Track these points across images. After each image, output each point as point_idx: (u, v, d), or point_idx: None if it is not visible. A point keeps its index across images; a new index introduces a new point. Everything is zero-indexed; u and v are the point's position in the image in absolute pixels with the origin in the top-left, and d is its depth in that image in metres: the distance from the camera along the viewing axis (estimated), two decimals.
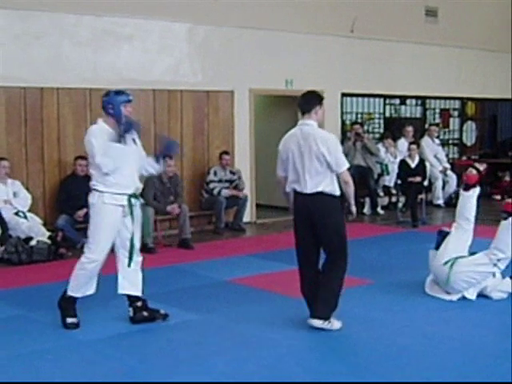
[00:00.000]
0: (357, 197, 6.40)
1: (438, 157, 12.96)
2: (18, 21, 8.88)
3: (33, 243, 7.98)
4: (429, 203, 11.94)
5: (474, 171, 6.58)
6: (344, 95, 12.19)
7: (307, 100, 5.48)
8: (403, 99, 13.17)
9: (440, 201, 12.60)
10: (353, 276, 6.00)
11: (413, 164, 10.98)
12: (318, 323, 5.29)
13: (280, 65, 11.15)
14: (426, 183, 11.32)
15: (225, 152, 10.37)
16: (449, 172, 12.93)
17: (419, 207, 10.81)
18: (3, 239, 8.00)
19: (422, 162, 11.13)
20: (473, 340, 5.20)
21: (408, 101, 13.27)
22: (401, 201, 11.28)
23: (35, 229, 8.31)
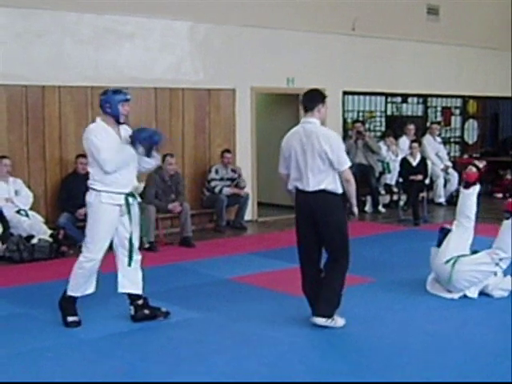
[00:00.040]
0: (358, 195, 6.38)
1: (440, 155, 12.94)
2: (20, 19, 8.88)
3: (34, 241, 7.99)
4: (430, 201, 11.94)
5: (474, 169, 6.56)
6: (345, 93, 12.18)
7: (310, 98, 5.47)
8: (405, 97, 13.16)
9: (441, 199, 12.59)
10: (354, 274, 6.00)
11: (414, 162, 10.97)
12: (322, 321, 5.29)
13: (281, 63, 11.14)
14: (428, 181, 11.29)
15: (226, 150, 10.36)
16: (450, 170, 12.91)
17: (421, 205, 10.79)
18: (5, 237, 8.00)
19: (424, 161, 11.12)
20: (474, 338, 5.20)
21: (410, 99, 13.25)
22: (402, 199, 11.27)
23: (37, 227, 8.32)
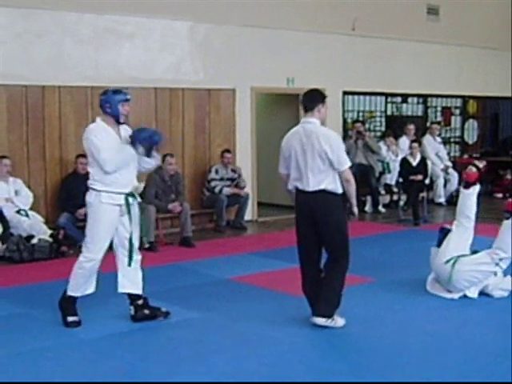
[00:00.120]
0: (358, 195, 6.39)
1: (440, 155, 12.94)
2: (20, 19, 8.88)
3: (34, 241, 7.99)
4: (430, 201, 11.94)
5: (474, 169, 6.56)
6: (345, 93, 12.18)
7: (310, 98, 5.47)
8: (405, 97, 13.16)
9: (441, 199, 12.59)
10: (354, 274, 6.00)
11: (414, 162, 10.97)
12: (322, 321, 5.29)
13: (281, 63, 11.14)
14: (428, 181, 11.29)
15: (226, 150, 10.36)
16: (450, 170, 12.91)
17: (421, 205, 10.79)
18: (5, 237, 8.00)
19: (424, 161, 11.12)
20: (473, 338, 5.20)
21: (410, 99, 13.25)
22: (402, 199, 11.27)
23: (37, 227, 8.32)
